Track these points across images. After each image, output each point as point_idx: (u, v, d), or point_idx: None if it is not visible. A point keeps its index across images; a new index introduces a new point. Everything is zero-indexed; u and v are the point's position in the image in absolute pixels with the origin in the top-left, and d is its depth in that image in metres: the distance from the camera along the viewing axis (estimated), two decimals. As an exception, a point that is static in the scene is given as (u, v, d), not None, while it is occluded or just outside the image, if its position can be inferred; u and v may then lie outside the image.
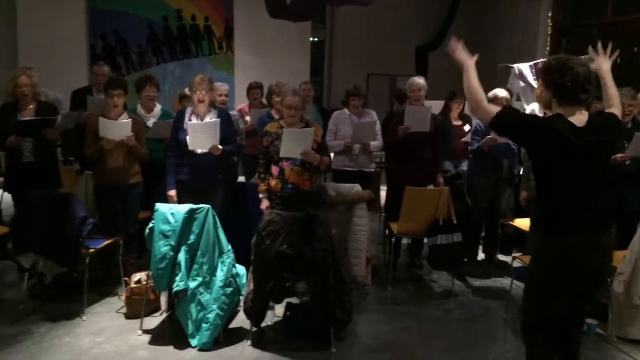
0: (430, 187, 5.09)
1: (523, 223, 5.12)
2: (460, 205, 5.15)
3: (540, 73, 2.75)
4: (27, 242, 4.16)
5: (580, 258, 2.58)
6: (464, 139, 5.69)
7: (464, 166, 5.75)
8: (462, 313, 4.50)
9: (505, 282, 5.09)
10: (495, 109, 2.66)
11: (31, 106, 4.80)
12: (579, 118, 2.59)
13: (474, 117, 2.55)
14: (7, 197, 5.39)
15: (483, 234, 5.71)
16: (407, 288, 5.03)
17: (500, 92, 5.33)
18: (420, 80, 5.25)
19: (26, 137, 4.69)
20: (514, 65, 7.97)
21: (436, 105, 5.94)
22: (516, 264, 4.48)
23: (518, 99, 7.69)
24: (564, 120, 2.56)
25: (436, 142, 5.26)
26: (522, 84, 7.82)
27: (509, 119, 2.64)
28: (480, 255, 5.72)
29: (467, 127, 5.86)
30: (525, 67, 7.81)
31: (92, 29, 10.06)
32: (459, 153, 5.78)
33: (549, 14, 9.36)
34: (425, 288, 5.08)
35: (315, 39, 12.20)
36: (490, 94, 5.37)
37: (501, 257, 5.74)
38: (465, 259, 5.27)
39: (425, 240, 5.03)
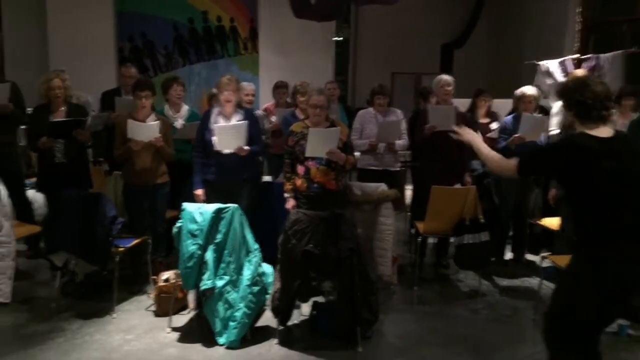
0: (457, 186, 5.05)
1: (551, 222, 5.05)
2: (488, 204, 5.09)
3: (560, 97, 2.81)
4: (59, 241, 4.25)
5: (621, 276, 2.53)
6: (489, 135, 5.63)
7: (492, 165, 5.67)
8: (489, 313, 4.46)
9: (533, 282, 5.02)
10: (514, 161, 2.76)
11: (63, 108, 4.91)
12: (604, 131, 2.60)
13: (498, 171, 2.71)
14: (39, 197, 5.51)
15: (511, 233, 5.65)
16: (434, 288, 5.00)
17: (528, 90, 5.26)
18: (447, 77, 5.21)
19: (58, 138, 4.79)
20: (541, 63, 7.85)
21: (463, 104, 5.89)
22: (545, 263, 4.41)
23: (545, 97, 7.57)
24: (586, 134, 2.58)
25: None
26: (549, 81, 7.69)
27: (530, 159, 2.77)
28: (508, 255, 5.65)
29: (494, 125, 5.81)
30: (553, 64, 7.68)
31: (120, 31, 10.19)
32: (487, 152, 5.71)
33: (578, 10, 9.19)
34: (452, 288, 5.04)
35: (340, 39, 12.18)
36: (518, 91, 5.31)
37: (529, 256, 5.67)
38: (493, 259, 5.22)
39: (452, 239, 4.99)
